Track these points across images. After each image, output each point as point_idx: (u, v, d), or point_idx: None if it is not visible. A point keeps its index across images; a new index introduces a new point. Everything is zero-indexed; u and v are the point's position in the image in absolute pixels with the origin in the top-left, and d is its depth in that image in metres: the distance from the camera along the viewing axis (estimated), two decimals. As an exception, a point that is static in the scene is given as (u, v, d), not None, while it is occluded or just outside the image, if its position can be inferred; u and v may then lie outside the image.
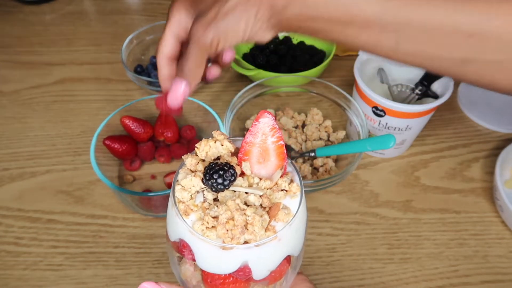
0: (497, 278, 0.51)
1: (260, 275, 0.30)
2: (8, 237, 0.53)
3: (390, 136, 0.49)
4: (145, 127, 0.57)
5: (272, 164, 0.29)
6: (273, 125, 0.28)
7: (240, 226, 0.26)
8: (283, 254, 0.30)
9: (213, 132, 0.30)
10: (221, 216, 0.26)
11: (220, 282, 0.30)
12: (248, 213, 0.26)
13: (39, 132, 0.65)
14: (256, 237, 0.27)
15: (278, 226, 0.28)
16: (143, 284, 0.31)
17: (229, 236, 0.26)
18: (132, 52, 0.71)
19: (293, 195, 0.29)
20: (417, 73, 0.58)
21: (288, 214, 0.28)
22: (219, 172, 0.27)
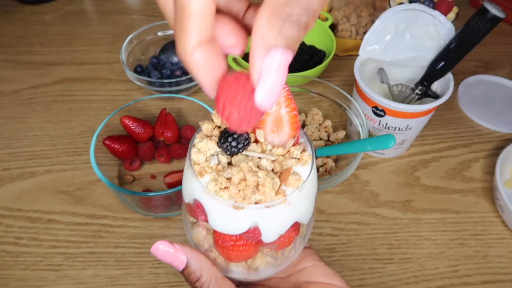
0: (498, 278, 0.51)
1: (270, 237, 0.30)
2: (8, 237, 0.53)
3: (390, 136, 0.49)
4: (145, 127, 0.57)
5: (285, 134, 0.30)
6: (287, 95, 0.29)
7: (251, 186, 0.27)
8: (292, 218, 0.31)
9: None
10: (234, 177, 0.27)
11: (231, 244, 0.31)
12: (260, 175, 0.27)
13: (39, 132, 0.65)
14: (267, 198, 0.27)
15: (288, 191, 0.29)
16: (156, 244, 0.31)
17: (241, 196, 0.27)
18: (132, 52, 0.71)
19: (304, 163, 0.30)
20: (417, 73, 0.58)
21: (298, 180, 0.29)
22: (233, 135, 0.28)
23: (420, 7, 0.55)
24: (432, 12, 0.54)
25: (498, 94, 0.73)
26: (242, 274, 0.34)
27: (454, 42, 0.52)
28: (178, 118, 0.61)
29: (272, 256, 0.34)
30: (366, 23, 0.79)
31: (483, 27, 0.49)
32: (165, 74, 0.69)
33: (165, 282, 0.49)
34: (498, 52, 0.81)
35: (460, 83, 0.74)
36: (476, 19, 0.49)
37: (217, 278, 0.31)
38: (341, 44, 0.76)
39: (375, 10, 0.81)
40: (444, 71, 0.55)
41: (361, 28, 0.79)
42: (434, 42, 0.55)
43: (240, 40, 0.23)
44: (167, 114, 0.59)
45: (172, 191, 0.48)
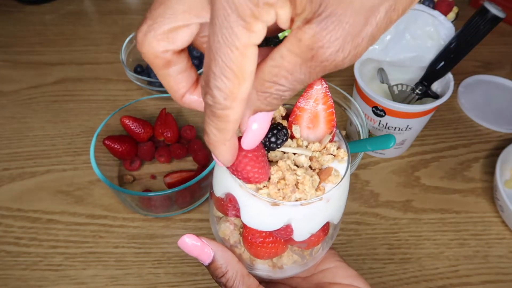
0: (498, 278, 0.51)
1: (301, 237, 0.30)
2: (8, 237, 0.53)
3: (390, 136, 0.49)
4: (145, 127, 0.57)
5: (321, 130, 0.30)
6: (325, 92, 0.29)
7: (291, 185, 0.27)
8: (326, 216, 0.30)
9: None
10: (273, 176, 0.27)
11: (260, 240, 0.30)
12: (299, 173, 0.27)
13: (39, 132, 0.65)
14: (307, 196, 0.27)
15: (328, 187, 0.28)
16: (183, 238, 0.31)
17: (281, 195, 0.27)
18: (132, 52, 0.71)
19: (340, 160, 0.29)
20: (417, 73, 0.58)
21: (337, 176, 0.29)
22: (272, 131, 0.27)
23: (420, 7, 0.55)
24: (432, 12, 0.54)
25: (498, 94, 0.73)
26: (267, 272, 0.34)
27: (454, 42, 0.52)
28: (178, 118, 0.61)
29: (299, 255, 0.34)
30: (366, 23, 0.79)
31: (483, 27, 0.49)
32: (165, 74, 0.69)
33: (165, 282, 0.49)
34: (498, 52, 0.81)
35: (460, 83, 0.74)
36: (476, 19, 0.49)
37: (242, 275, 0.31)
38: (341, 44, 0.75)
39: (375, 10, 0.80)
40: (444, 71, 0.55)
41: (361, 28, 0.79)
42: (434, 42, 0.55)
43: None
44: (167, 114, 0.59)
45: (172, 191, 0.48)
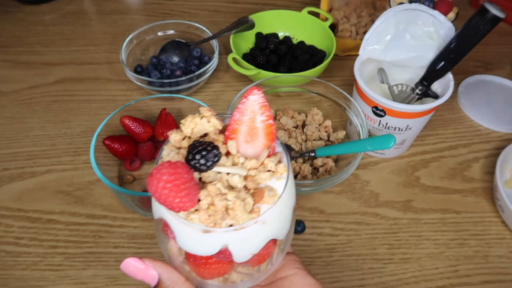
0: (498, 278, 0.51)
1: (242, 258, 0.29)
2: (7, 237, 0.53)
3: (390, 136, 0.49)
4: (145, 127, 0.57)
5: (260, 144, 0.28)
6: (262, 102, 0.27)
7: (220, 212, 0.25)
8: (266, 237, 0.29)
9: (200, 108, 0.29)
10: (202, 202, 0.25)
11: (203, 261, 0.29)
12: (229, 198, 0.25)
13: (39, 132, 0.65)
14: (239, 221, 0.26)
15: (263, 208, 0.27)
16: (127, 260, 0.30)
17: (211, 221, 0.26)
18: (132, 52, 0.71)
19: (279, 177, 0.28)
20: (417, 73, 0.58)
21: (273, 195, 0.27)
22: (201, 152, 0.26)
23: (420, 7, 0.55)
24: (432, 12, 0.54)
25: (498, 94, 0.73)
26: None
27: (454, 42, 0.52)
28: (178, 118, 0.61)
29: (247, 272, 0.32)
30: (366, 23, 0.79)
31: (483, 27, 0.49)
32: (165, 74, 0.69)
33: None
34: (498, 52, 0.81)
35: (460, 83, 0.74)
36: (476, 19, 0.49)
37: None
38: (341, 44, 0.76)
39: (375, 10, 0.81)
40: (444, 71, 0.55)
41: (361, 28, 0.79)
42: (434, 42, 0.55)
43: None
44: (167, 114, 0.59)
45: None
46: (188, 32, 0.75)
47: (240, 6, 0.89)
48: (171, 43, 0.73)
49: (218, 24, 0.82)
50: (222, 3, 0.90)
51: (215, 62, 0.69)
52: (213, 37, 0.71)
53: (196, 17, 0.86)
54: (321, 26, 0.74)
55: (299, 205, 0.57)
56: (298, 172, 0.57)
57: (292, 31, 0.78)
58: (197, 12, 0.88)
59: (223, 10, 0.88)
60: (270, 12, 0.76)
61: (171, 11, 0.87)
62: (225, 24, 0.73)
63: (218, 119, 0.28)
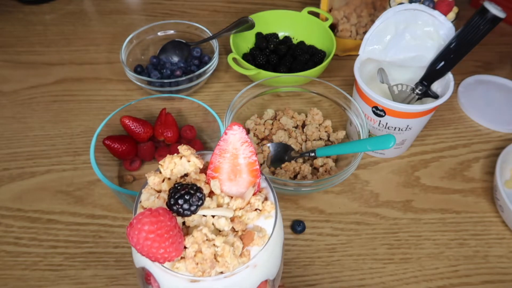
0: (498, 278, 0.51)
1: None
2: (7, 237, 0.53)
3: (390, 136, 0.49)
4: (145, 127, 0.57)
5: (244, 181, 0.27)
6: (243, 138, 0.26)
7: (209, 260, 0.24)
8: (258, 279, 0.27)
9: (179, 147, 0.27)
10: (188, 250, 0.24)
11: None
12: (218, 243, 0.24)
13: (39, 132, 0.65)
14: (229, 268, 0.24)
15: (253, 251, 0.25)
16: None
17: (200, 270, 0.24)
18: (132, 52, 0.71)
19: (267, 215, 0.26)
20: (417, 73, 0.58)
21: (263, 236, 0.25)
22: (184, 196, 0.24)
23: (420, 7, 0.55)
24: (432, 12, 0.54)
25: (498, 94, 0.73)
26: None
27: (454, 42, 0.52)
28: (178, 118, 0.61)
29: None
30: (366, 23, 0.79)
31: (483, 27, 0.49)
32: (165, 74, 0.69)
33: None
34: (498, 52, 0.81)
35: (460, 83, 0.74)
36: (476, 19, 0.49)
37: None
38: (341, 44, 0.76)
39: (375, 10, 0.81)
40: (444, 71, 0.55)
41: (361, 28, 0.79)
42: (434, 42, 0.55)
43: None
44: (167, 114, 0.59)
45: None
46: (188, 32, 0.75)
47: (240, 6, 0.89)
48: (171, 43, 0.73)
49: (218, 24, 0.82)
50: (222, 3, 0.90)
51: (215, 62, 0.69)
52: (213, 37, 0.71)
53: (196, 17, 0.86)
54: (321, 26, 0.74)
55: (299, 205, 0.57)
56: (298, 172, 0.57)
57: (292, 31, 0.78)
58: (197, 12, 0.88)
59: (223, 10, 0.88)
60: (270, 12, 0.76)
61: (171, 11, 0.87)
62: (225, 24, 0.73)
63: (198, 157, 0.27)
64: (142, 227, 0.22)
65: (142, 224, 0.22)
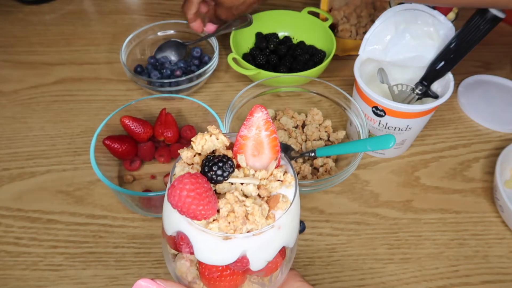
0: (498, 278, 0.51)
1: (258, 266, 0.30)
2: (7, 237, 0.53)
3: (390, 136, 0.49)
4: (145, 127, 0.57)
5: (266, 157, 0.30)
6: (266, 119, 0.29)
7: (241, 217, 0.27)
8: (280, 243, 0.30)
9: (209, 127, 0.31)
10: (222, 210, 0.27)
11: (218, 274, 0.30)
12: (248, 204, 0.27)
13: (39, 132, 0.65)
14: (258, 226, 0.27)
15: (278, 214, 0.28)
16: (139, 282, 0.30)
17: (232, 228, 0.27)
18: (132, 52, 0.71)
19: (288, 185, 0.30)
20: (417, 73, 0.58)
21: (286, 202, 0.29)
22: (218, 164, 0.27)
23: (420, 7, 0.55)
24: (432, 12, 0.54)
25: (498, 94, 0.73)
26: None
27: (454, 42, 0.52)
28: (178, 118, 0.61)
29: (259, 283, 0.33)
30: (366, 23, 0.79)
31: (483, 27, 0.49)
32: (165, 74, 0.69)
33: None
34: (498, 52, 0.81)
35: (460, 83, 0.74)
36: (476, 19, 0.49)
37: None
38: (341, 44, 0.76)
39: (375, 10, 0.81)
40: (444, 71, 0.55)
41: (361, 28, 0.79)
42: (434, 42, 0.55)
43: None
44: (167, 114, 0.59)
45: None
46: (188, 32, 0.75)
47: (240, 6, 0.89)
48: (167, 43, 0.73)
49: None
50: (222, 3, 0.90)
51: (215, 62, 0.69)
52: (211, 35, 0.71)
53: (196, 17, 0.86)
54: (321, 26, 0.74)
55: (299, 205, 0.57)
56: (298, 172, 0.57)
57: (292, 31, 0.78)
58: (197, 12, 0.88)
59: (223, 10, 0.88)
60: (270, 12, 0.76)
61: (171, 11, 0.86)
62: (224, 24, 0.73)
63: (225, 136, 0.30)
64: (184, 187, 0.24)
65: (184, 184, 0.24)
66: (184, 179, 0.25)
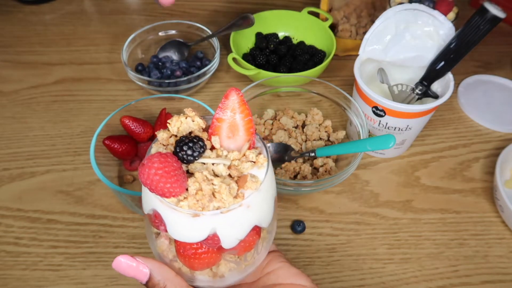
0: (498, 278, 0.51)
1: (229, 243, 0.31)
2: (7, 237, 0.53)
3: (390, 136, 0.49)
4: (145, 127, 0.57)
5: (241, 139, 0.31)
6: (241, 101, 0.30)
7: (208, 195, 0.27)
8: (251, 222, 0.31)
9: (185, 110, 0.32)
10: (190, 188, 0.28)
11: (192, 252, 0.31)
12: (215, 182, 0.28)
13: (39, 132, 0.65)
14: (225, 204, 0.28)
15: (247, 193, 0.29)
16: (118, 258, 0.31)
17: (200, 205, 0.28)
18: (132, 52, 0.71)
19: (260, 166, 0.30)
20: (417, 73, 0.58)
21: (256, 182, 0.29)
22: (188, 144, 0.28)
23: (420, 7, 0.55)
24: (432, 12, 0.54)
25: (498, 94, 0.73)
26: (208, 282, 0.34)
27: (454, 42, 0.52)
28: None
29: (235, 262, 0.34)
30: (366, 23, 0.79)
31: (483, 27, 0.49)
32: (165, 74, 0.69)
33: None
34: (498, 52, 0.81)
35: (460, 83, 0.74)
36: (476, 19, 0.49)
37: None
38: (341, 44, 0.76)
39: (375, 10, 0.81)
40: (444, 71, 0.55)
41: (361, 28, 0.79)
42: (434, 42, 0.55)
43: None
44: (167, 114, 0.59)
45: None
46: (189, 32, 0.75)
47: (240, 6, 0.89)
48: (170, 43, 0.73)
49: (219, 24, 0.82)
50: (222, 3, 0.90)
51: (215, 63, 0.69)
52: (213, 35, 0.71)
53: (196, 17, 0.86)
54: (321, 26, 0.74)
55: (299, 205, 0.57)
56: (298, 172, 0.57)
57: (292, 31, 0.78)
58: (197, 12, 0.88)
59: (223, 10, 0.88)
60: (270, 12, 0.76)
61: (171, 11, 0.87)
62: (226, 24, 0.73)
63: (201, 118, 0.31)
64: (152, 165, 0.26)
65: (152, 162, 0.26)
66: (154, 157, 0.26)
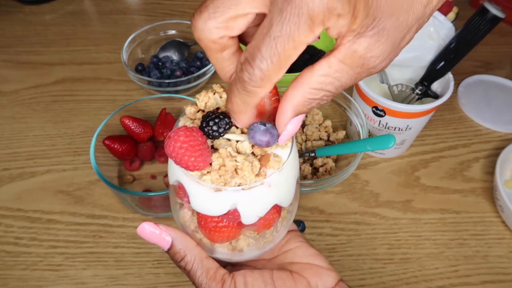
0: (498, 278, 0.51)
1: (249, 220, 0.31)
2: (7, 237, 0.53)
3: (390, 136, 0.49)
4: (145, 127, 0.57)
5: (267, 118, 0.31)
6: (274, 89, 0.30)
7: (230, 171, 0.28)
8: (271, 201, 0.31)
9: (213, 85, 0.32)
10: (214, 163, 0.28)
11: (213, 225, 0.31)
12: (239, 160, 0.28)
13: (39, 132, 0.65)
14: (246, 181, 0.28)
15: (269, 172, 0.29)
16: (143, 224, 0.32)
17: (222, 181, 0.28)
18: (132, 52, 0.71)
19: (284, 146, 0.31)
20: (417, 73, 0.58)
21: (278, 161, 0.30)
22: (215, 119, 0.28)
23: (420, 7, 0.54)
24: (432, 12, 0.54)
25: (498, 94, 0.73)
26: (227, 255, 0.35)
27: (454, 42, 0.52)
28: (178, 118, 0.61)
29: (253, 238, 0.34)
30: (366, 23, 0.79)
31: (483, 27, 0.49)
32: (165, 74, 0.69)
33: (165, 282, 0.49)
34: (498, 52, 0.81)
35: (460, 83, 0.74)
36: (476, 19, 0.49)
37: (201, 258, 0.33)
38: (341, 44, 0.75)
39: (375, 10, 0.80)
40: (444, 71, 0.55)
41: (361, 28, 0.78)
42: (434, 42, 0.55)
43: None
44: (167, 114, 0.59)
45: (172, 191, 0.48)
46: (189, 32, 0.75)
47: (240, 6, 0.89)
48: (170, 43, 0.73)
49: (218, 24, 0.82)
50: (222, 3, 0.90)
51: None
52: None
53: (196, 17, 0.86)
54: (321, 26, 0.74)
55: (299, 205, 0.57)
56: (298, 172, 0.57)
57: (292, 31, 0.78)
58: (197, 12, 0.88)
59: (223, 10, 0.88)
60: (270, 12, 0.76)
61: (171, 11, 0.87)
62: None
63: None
64: (178, 138, 0.26)
65: (178, 136, 0.26)
66: (180, 131, 0.26)
